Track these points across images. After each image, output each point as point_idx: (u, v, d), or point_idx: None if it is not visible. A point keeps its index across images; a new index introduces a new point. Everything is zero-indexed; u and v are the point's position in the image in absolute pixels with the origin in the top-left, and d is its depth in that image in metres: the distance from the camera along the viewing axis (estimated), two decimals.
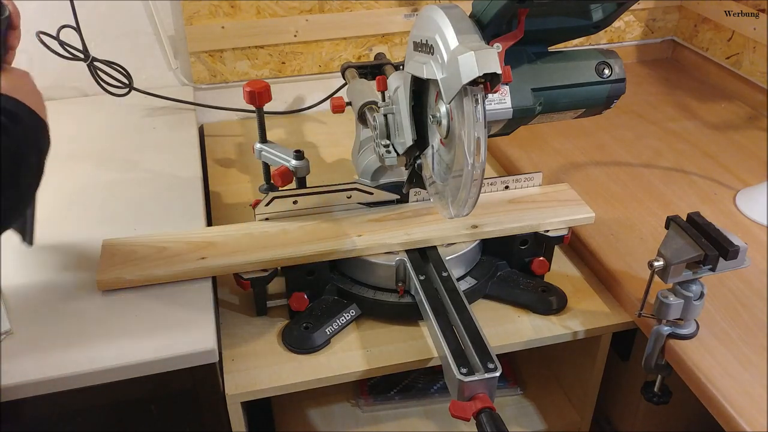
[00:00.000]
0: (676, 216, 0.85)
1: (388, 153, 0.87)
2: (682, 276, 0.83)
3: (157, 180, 1.15)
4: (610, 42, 1.69)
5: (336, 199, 1.03)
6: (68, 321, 0.87)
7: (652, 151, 1.33)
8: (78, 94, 1.42)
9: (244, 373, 0.89)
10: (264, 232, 0.98)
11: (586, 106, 0.84)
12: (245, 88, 1.08)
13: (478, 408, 0.74)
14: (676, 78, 1.64)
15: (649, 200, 1.17)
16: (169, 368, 0.83)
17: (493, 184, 1.08)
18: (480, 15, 0.73)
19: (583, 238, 1.09)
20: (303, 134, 1.45)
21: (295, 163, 1.03)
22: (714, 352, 0.87)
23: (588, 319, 0.98)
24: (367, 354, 0.93)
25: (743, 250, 0.80)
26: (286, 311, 0.98)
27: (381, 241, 0.97)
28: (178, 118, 1.36)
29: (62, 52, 1.25)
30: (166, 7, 1.37)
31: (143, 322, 0.87)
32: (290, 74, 1.50)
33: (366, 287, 0.98)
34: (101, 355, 0.82)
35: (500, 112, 0.80)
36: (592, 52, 0.83)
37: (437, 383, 1.15)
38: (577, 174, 1.26)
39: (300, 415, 1.11)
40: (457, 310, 0.87)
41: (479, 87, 0.67)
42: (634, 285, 0.98)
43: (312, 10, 1.43)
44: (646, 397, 0.94)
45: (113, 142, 1.27)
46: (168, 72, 1.45)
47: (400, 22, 1.48)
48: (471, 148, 0.69)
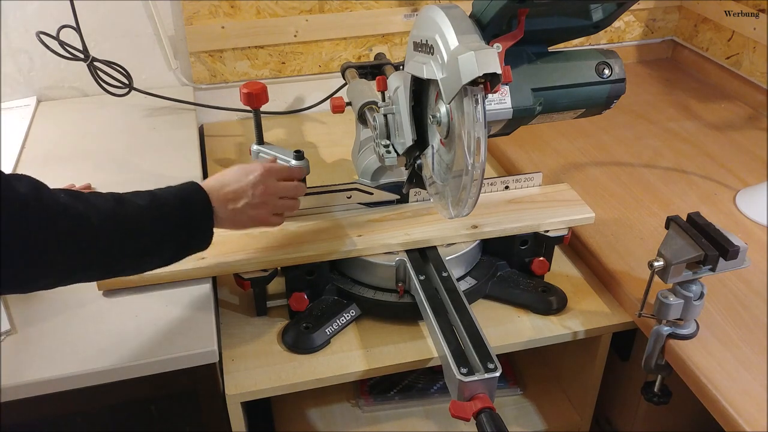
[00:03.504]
0: (676, 216, 0.85)
1: (388, 153, 0.87)
2: (682, 276, 0.83)
3: (157, 180, 1.14)
4: (610, 42, 1.69)
5: (336, 199, 1.03)
6: (68, 321, 0.87)
7: (652, 151, 1.33)
8: (78, 94, 1.42)
9: (244, 373, 0.89)
10: (264, 232, 0.98)
11: (586, 106, 0.84)
12: (242, 90, 1.08)
13: (478, 408, 0.74)
14: (676, 78, 1.64)
15: (649, 200, 1.17)
16: (169, 368, 0.83)
17: (493, 184, 1.08)
18: (480, 15, 0.73)
19: (583, 238, 1.09)
20: (303, 134, 1.45)
21: (295, 163, 1.03)
22: (714, 352, 0.87)
23: (588, 319, 0.98)
24: (367, 354, 0.93)
25: (743, 250, 0.80)
26: (286, 311, 0.98)
27: (381, 241, 0.97)
28: (178, 118, 1.36)
29: (62, 52, 1.25)
30: (166, 7, 1.37)
31: (143, 322, 0.87)
32: (290, 74, 1.50)
33: (366, 287, 0.98)
34: (101, 355, 0.82)
35: (500, 112, 0.80)
36: (592, 52, 0.83)
37: (437, 383, 1.15)
38: (577, 174, 1.26)
39: (300, 415, 1.11)
40: (457, 310, 0.87)
41: (479, 87, 0.67)
42: (634, 285, 0.98)
43: (312, 10, 1.43)
44: (646, 397, 0.94)
45: (113, 142, 1.27)
46: (168, 72, 1.44)
47: (400, 22, 1.48)
48: (471, 148, 0.70)
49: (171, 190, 0.78)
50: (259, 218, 0.87)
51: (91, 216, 0.68)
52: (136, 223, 0.72)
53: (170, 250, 0.77)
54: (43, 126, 1.32)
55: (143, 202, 0.74)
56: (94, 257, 0.69)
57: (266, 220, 0.89)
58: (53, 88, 1.41)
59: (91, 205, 0.69)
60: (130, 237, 0.72)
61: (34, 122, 1.33)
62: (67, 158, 1.21)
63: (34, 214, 0.64)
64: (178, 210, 0.77)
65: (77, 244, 0.67)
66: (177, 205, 0.77)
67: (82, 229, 0.67)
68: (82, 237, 0.67)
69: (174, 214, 0.76)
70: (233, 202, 0.83)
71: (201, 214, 0.79)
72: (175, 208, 0.76)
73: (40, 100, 1.40)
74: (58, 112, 1.37)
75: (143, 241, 0.73)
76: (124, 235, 0.71)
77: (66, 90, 1.41)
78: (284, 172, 0.91)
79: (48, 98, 1.41)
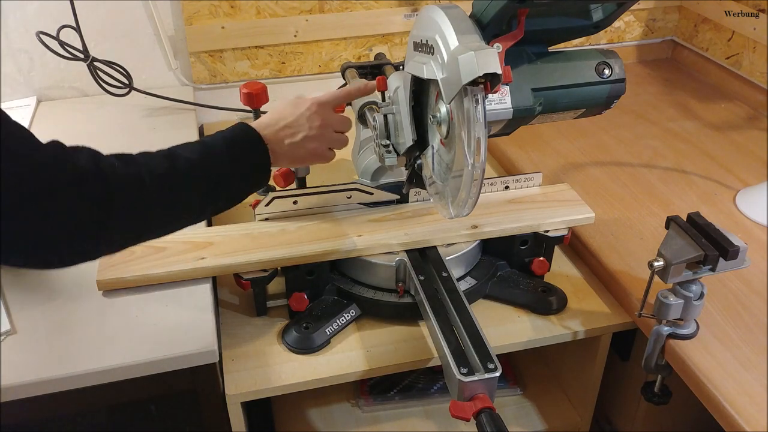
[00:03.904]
0: (676, 216, 0.85)
1: (388, 153, 0.87)
2: (682, 276, 0.83)
3: None
4: (610, 42, 1.69)
5: (336, 199, 1.03)
6: (68, 321, 0.87)
7: (652, 151, 1.33)
8: (78, 94, 1.42)
9: (244, 373, 0.89)
10: (264, 232, 0.98)
11: (586, 106, 0.84)
12: (242, 90, 1.08)
13: (478, 408, 0.74)
14: (676, 78, 1.64)
15: (649, 200, 1.17)
16: (169, 368, 0.83)
17: (493, 184, 1.08)
18: (480, 15, 0.73)
19: (583, 238, 1.09)
20: None
21: None
22: (714, 352, 0.87)
23: (588, 319, 0.98)
24: (367, 354, 0.93)
25: (743, 250, 0.80)
26: (286, 311, 0.98)
27: (381, 241, 0.97)
28: (178, 118, 1.36)
29: (62, 52, 1.25)
30: (166, 7, 1.37)
31: (143, 322, 0.87)
32: (290, 74, 1.50)
33: (366, 287, 0.98)
34: (101, 355, 0.82)
35: (500, 112, 0.80)
36: (592, 52, 0.83)
37: (437, 383, 1.15)
38: (577, 174, 1.26)
39: (300, 415, 1.11)
40: (457, 310, 0.87)
41: (479, 87, 0.67)
42: (634, 285, 0.98)
43: (312, 10, 1.43)
44: (646, 397, 0.94)
45: (113, 142, 1.27)
46: (168, 72, 1.44)
47: (400, 22, 1.48)
48: (471, 148, 0.69)
49: (221, 135, 0.79)
50: (317, 152, 0.86)
51: (144, 178, 0.69)
52: (190, 177, 0.73)
53: (226, 197, 0.79)
54: (43, 126, 1.32)
55: (194, 155, 0.74)
56: (153, 218, 0.71)
57: (323, 154, 0.88)
58: (53, 88, 1.41)
59: (144, 166, 0.70)
60: (185, 190, 0.73)
61: (34, 122, 1.33)
62: None
63: (94, 185, 0.65)
64: (229, 158, 0.77)
65: (135, 208, 0.68)
66: (227, 152, 0.77)
67: (139, 193, 0.68)
68: (139, 201, 0.68)
69: (224, 164, 0.76)
70: (291, 137, 0.83)
71: (255, 154, 0.80)
72: (227, 156, 0.77)
73: (40, 100, 1.40)
74: (58, 112, 1.37)
75: (197, 193, 0.74)
76: (180, 189, 0.72)
77: (66, 90, 1.41)
78: (337, 100, 0.89)
79: (48, 98, 1.41)
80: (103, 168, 0.66)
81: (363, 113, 0.97)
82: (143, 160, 0.71)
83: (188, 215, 0.76)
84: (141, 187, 0.69)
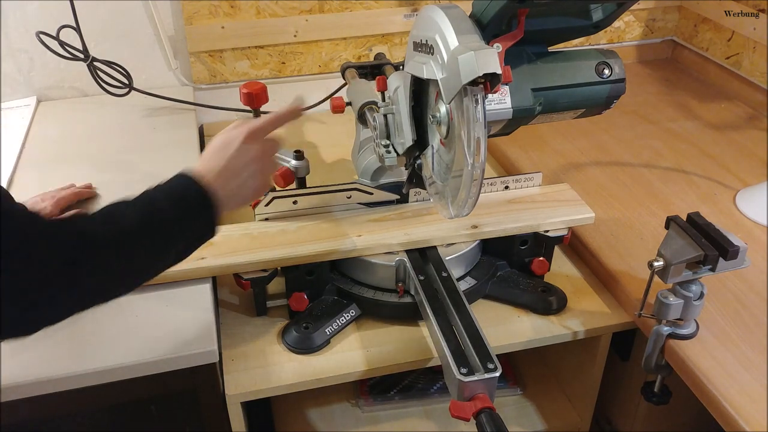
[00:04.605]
0: (676, 216, 0.85)
1: (388, 153, 0.87)
2: (682, 276, 0.83)
3: (156, 180, 1.14)
4: (610, 42, 1.69)
5: (336, 199, 1.03)
6: (68, 321, 0.87)
7: (652, 151, 1.33)
8: (78, 94, 1.42)
9: (244, 373, 0.89)
10: (264, 232, 0.98)
11: (586, 106, 0.84)
12: (242, 90, 1.08)
13: (478, 408, 0.74)
14: (676, 78, 1.64)
15: (649, 200, 1.17)
16: (169, 368, 0.83)
17: (493, 184, 1.08)
18: (480, 15, 0.73)
19: (583, 238, 1.09)
20: (303, 134, 1.45)
21: (295, 163, 1.03)
22: (714, 352, 0.87)
23: (588, 319, 0.98)
24: (367, 354, 0.93)
25: (743, 250, 0.80)
26: (286, 311, 0.98)
27: (381, 241, 0.97)
28: (178, 118, 1.36)
29: (62, 52, 1.25)
30: (166, 7, 1.37)
31: (143, 322, 0.87)
32: (290, 74, 1.50)
33: (366, 287, 0.98)
34: (101, 355, 0.82)
35: (500, 112, 0.80)
36: (592, 52, 0.83)
37: (437, 383, 1.15)
38: (577, 174, 1.26)
39: (300, 415, 1.11)
40: (457, 310, 0.87)
41: (479, 87, 0.67)
42: (634, 285, 0.98)
43: (312, 10, 1.43)
44: (646, 397, 0.94)
45: (113, 142, 1.27)
46: (168, 72, 1.45)
47: (400, 22, 1.48)
48: (471, 148, 0.69)
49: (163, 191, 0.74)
50: (265, 182, 0.81)
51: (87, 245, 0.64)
52: (134, 240, 0.69)
53: (175, 253, 0.75)
54: (43, 126, 1.32)
55: (138, 216, 0.69)
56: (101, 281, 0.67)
57: (267, 183, 0.82)
58: (53, 88, 1.41)
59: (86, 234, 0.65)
60: (131, 252, 0.69)
61: (34, 122, 1.33)
62: (66, 158, 1.21)
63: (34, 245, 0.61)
64: (175, 217, 0.72)
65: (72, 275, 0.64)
66: (173, 211, 0.72)
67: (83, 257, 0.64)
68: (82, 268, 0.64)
69: (171, 222, 0.72)
70: (234, 177, 0.77)
71: (199, 210, 0.75)
72: (173, 216, 0.72)
73: (40, 100, 1.40)
74: (58, 112, 1.37)
75: (146, 252, 0.70)
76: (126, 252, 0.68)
77: (66, 90, 1.41)
78: (268, 126, 0.82)
79: (48, 98, 1.41)
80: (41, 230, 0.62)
81: (363, 113, 0.97)
82: (81, 224, 0.66)
83: (134, 275, 0.71)
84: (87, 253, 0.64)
